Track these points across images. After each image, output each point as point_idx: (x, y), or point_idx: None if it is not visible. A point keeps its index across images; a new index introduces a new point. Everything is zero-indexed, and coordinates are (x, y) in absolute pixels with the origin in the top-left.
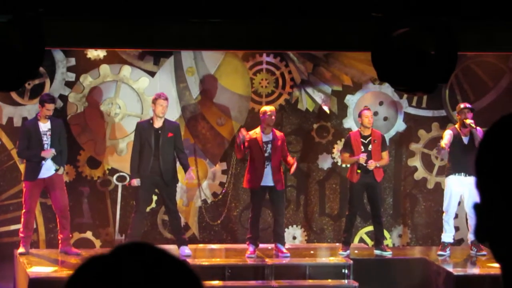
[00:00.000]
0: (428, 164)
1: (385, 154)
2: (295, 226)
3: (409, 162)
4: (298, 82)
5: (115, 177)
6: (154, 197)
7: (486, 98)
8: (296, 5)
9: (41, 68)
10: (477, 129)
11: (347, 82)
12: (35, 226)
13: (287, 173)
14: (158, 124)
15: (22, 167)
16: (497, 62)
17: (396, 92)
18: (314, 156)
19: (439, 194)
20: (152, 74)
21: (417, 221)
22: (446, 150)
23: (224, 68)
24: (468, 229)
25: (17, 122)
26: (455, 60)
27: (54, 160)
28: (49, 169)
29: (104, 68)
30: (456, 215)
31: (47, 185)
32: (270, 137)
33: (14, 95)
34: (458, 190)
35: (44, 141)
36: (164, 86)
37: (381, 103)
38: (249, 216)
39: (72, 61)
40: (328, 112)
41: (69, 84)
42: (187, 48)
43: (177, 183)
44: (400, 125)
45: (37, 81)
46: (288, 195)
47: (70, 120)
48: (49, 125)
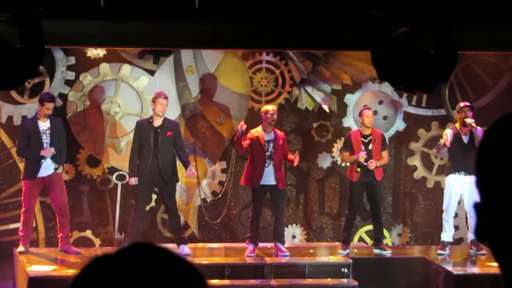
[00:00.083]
0: (428, 163)
1: (385, 154)
2: (295, 225)
3: (409, 161)
4: (298, 81)
5: (115, 176)
6: (154, 196)
7: (486, 97)
8: (296, 4)
9: (41, 67)
10: (477, 129)
11: (347, 81)
12: (35, 225)
13: (287, 172)
14: (158, 123)
15: (22, 166)
16: (497, 61)
17: (396, 91)
18: (314, 155)
19: (439, 193)
20: (152, 73)
21: (417, 220)
22: (446, 149)
23: (224, 67)
24: (468, 228)
25: (17, 121)
26: (455, 59)
27: (53, 159)
28: (48, 168)
29: (104, 67)
30: (456, 214)
31: (47, 184)
32: (272, 136)
33: (14, 94)
34: (458, 189)
35: (44, 140)
36: (164, 85)
37: (381, 102)
38: (250, 215)
39: (72, 60)
40: (328, 111)
41: (69, 83)
42: (187, 47)
43: (177, 182)
44: (400, 124)
45: (37, 80)
46: (288, 194)
47: (70, 119)
48: (49, 124)
